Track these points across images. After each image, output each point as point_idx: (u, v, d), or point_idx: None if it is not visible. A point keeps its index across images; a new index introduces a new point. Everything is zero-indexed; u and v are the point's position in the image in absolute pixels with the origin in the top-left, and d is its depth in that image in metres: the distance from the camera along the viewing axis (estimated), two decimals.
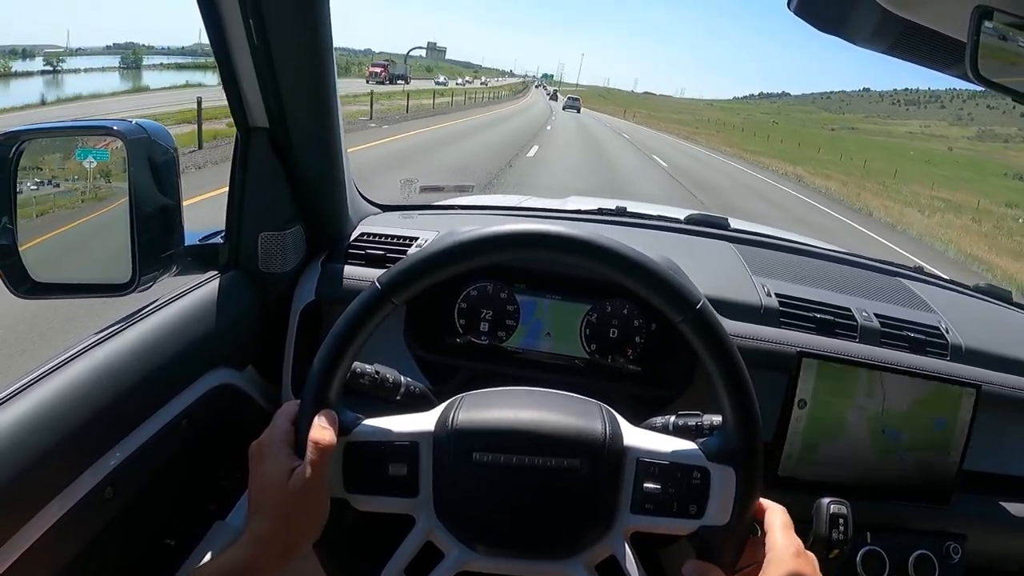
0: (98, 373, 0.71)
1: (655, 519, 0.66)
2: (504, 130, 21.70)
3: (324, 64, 0.87)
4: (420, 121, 19.70)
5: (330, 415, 0.65)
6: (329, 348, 0.65)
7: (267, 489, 0.63)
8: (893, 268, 1.34)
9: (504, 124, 24.87)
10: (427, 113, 24.16)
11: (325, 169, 0.98)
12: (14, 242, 0.81)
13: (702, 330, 0.64)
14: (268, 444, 0.65)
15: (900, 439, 0.92)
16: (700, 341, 0.65)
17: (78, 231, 0.89)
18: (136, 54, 47.88)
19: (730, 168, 24.69)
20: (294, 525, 0.63)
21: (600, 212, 1.40)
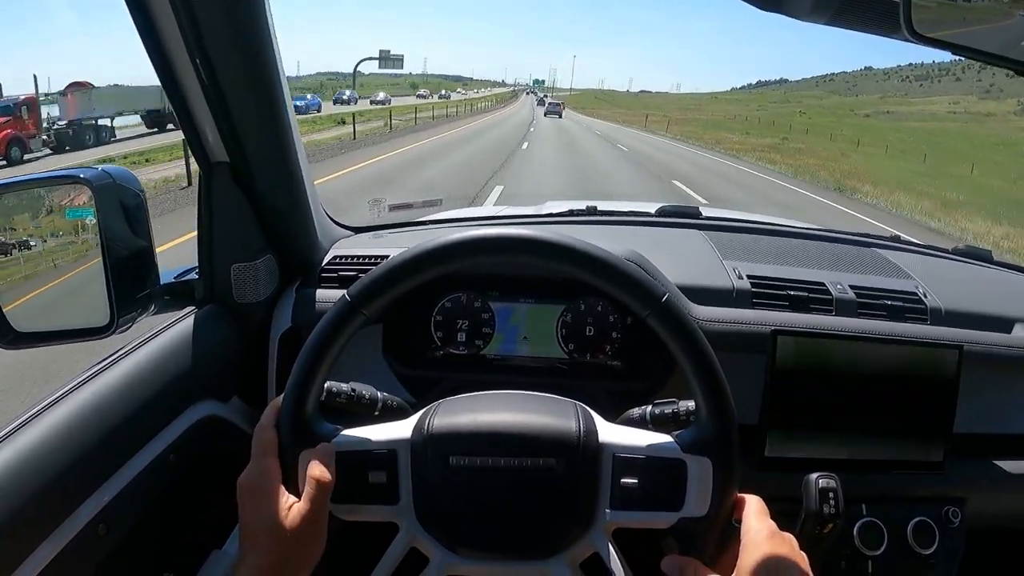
0: (84, 413, 0.73)
1: (635, 513, 0.67)
2: (468, 152, 17.02)
3: (275, 96, 0.88)
4: (395, 141, 18.29)
5: (327, 451, 0.66)
6: (302, 363, 0.66)
7: (263, 526, 0.63)
8: (868, 239, 1.34)
9: (475, 142, 20.45)
10: (408, 130, 23.06)
11: (289, 197, 0.99)
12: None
13: (669, 322, 0.65)
14: (256, 481, 0.65)
15: (887, 408, 0.92)
16: (668, 333, 0.65)
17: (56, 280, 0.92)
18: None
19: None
20: (292, 559, 0.64)
21: (571, 213, 1.41)
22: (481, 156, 16.15)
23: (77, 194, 0.87)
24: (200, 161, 0.91)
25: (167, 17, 0.77)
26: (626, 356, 1.00)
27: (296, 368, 0.67)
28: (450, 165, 14.04)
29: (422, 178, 11.59)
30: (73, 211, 0.90)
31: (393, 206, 1.45)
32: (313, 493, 0.64)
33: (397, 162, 14.03)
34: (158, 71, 0.81)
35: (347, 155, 14.80)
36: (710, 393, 0.65)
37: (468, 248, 0.66)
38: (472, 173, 12.61)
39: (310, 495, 0.64)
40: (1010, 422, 1.02)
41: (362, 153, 15.43)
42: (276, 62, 0.86)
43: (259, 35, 0.83)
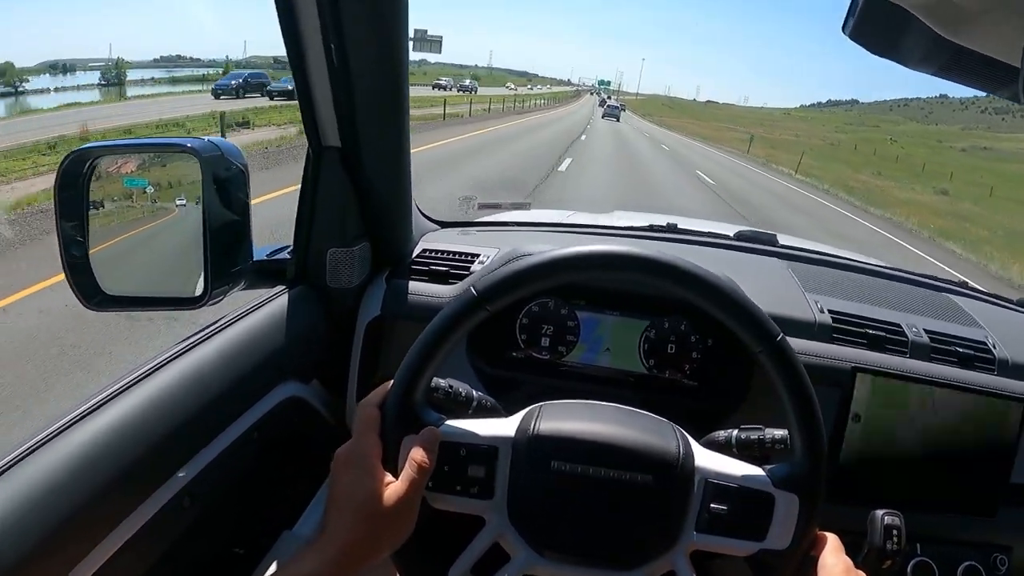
0: (184, 382, 0.73)
1: (718, 539, 0.68)
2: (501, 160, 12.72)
3: (400, 86, 0.89)
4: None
5: (432, 435, 0.67)
6: (419, 348, 0.67)
7: (354, 501, 0.63)
8: (938, 283, 1.36)
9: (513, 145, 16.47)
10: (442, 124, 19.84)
11: (394, 187, 1.00)
12: (86, 256, 0.83)
13: (780, 361, 0.66)
14: (354, 455, 0.66)
15: (949, 452, 0.94)
16: (777, 372, 0.67)
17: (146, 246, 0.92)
18: (120, 67, 43.03)
19: None
20: (380, 537, 0.64)
21: (652, 228, 1.42)
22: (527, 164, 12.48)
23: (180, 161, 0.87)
24: (312, 143, 0.92)
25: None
26: (703, 377, 1.02)
27: (412, 352, 0.67)
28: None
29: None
30: (130, 180, 0.90)
31: (482, 204, 1.45)
32: (412, 476, 0.64)
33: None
34: (289, 50, 0.81)
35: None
36: (808, 434, 0.67)
37: (601, 261, 0.67)
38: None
39: (409, 477, 0.64)
40: None
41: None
42: (406, 54, 0.87)
43: (396, 25, 0.83)
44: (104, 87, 39.11)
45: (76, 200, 0.83)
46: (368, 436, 0.67)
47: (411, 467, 0.65)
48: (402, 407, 0.67)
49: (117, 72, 41.98)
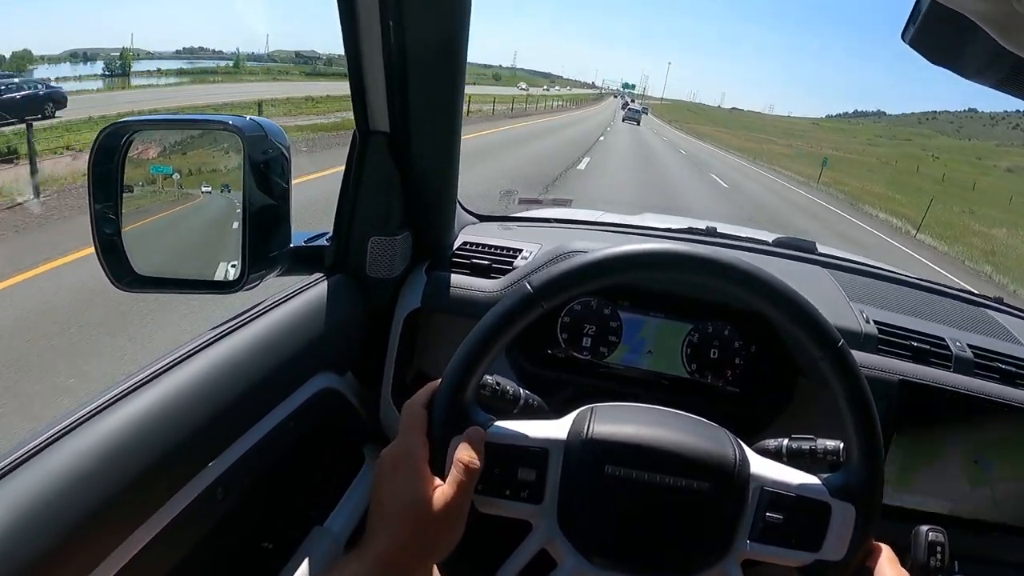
0: (220, 370, 0.70)
1: (772, 548, 0.66)
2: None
3: (456, 71, 0.87)
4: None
5: (478, 435, 0.65)
6: (471, 345, 0.65)
7: (400, 505, 0.61)
8: (975, 298, 1.35)
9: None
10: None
11: (441, 177, 0.97)
12: (118, 234, 0.81)
13: (841, 369, 0.65)
14: (402, 457, 0.63)
15: (992, 470, 0.93)
16: (838, 379, 0.65)
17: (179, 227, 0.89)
18: (125, 58, 41.90)
19: None
20: (427, 545, 0.62)
21: (691, 231, 1.40)
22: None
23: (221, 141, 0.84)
24: (360, 127, 0.89)
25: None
26: (745, 383, 1.00)
27: (463, 349, 0.65)
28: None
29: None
30: (156, 167, 0.87)
31: (523, 199, 1.43)
32: (460, 478, 0.62)
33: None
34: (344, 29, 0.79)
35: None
36: (867, 443, 0.65)
37: (663, 261, 0.65)
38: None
39: (457, 479, 0.62)
40: None
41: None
42: (466, 44, 0.85)
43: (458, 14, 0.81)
44: (108, 77, 37.96)
45: (110, 176, 0.80)
46: (415, 437, 0.64)
47: (458, 469, 0.62)
48: (451, 406, 0.65)
49: (122, 63, 40.72)
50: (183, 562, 0.67)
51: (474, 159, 11.42)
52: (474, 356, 0.65)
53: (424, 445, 0.64)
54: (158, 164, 0.87)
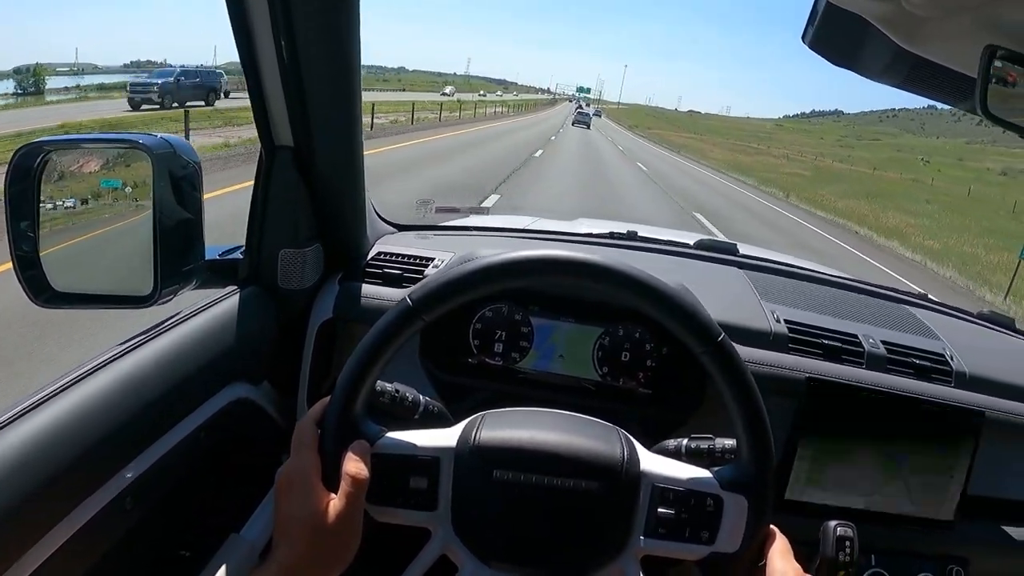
0: (123, 384, 0.72)
1: (667, 543, 0.68)
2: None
3: (351, 85, 0.89)
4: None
5: (363, 447, 0.66)
6: (357, 362, 0.66)
7: (298, 522, 0.63)
8: (898, 295, 1.36)
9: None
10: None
11: (347, 188, 0.99)
12: (35, 251, 0.82)
13: (723, 362, 0.66)
14: (295, 475, 0.65)
15: (904, 464, 0.94)
16: (720, 373, 0.67)
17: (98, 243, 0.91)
18: (37, 75, 38.23)
19: None
20: (325, 557, 0.64)
21: (612, 236, 1.41)
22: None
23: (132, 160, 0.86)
24: (264, 143, 0.91)
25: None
26: (658, 385, 1.01)
27: (349, 366, 0.66)
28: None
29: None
30: (107, 181, 0.89)
31: (440, 208, 1.45)
32: (349, 490, 0.64)
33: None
34: (240, 48, 0.81)
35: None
36: (754, 436, 0.67)
37: (538, 267, 0.66)
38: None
39: (346, 492, 0.64)
40: (1017, 488, 1.05)
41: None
42: (359, 54, 0.86)
43: (349, 24, 0.83)
44: (20, 95, 34.62)
45: (27, 195, 0.81)
46: (307, 454, 0.66)
47: (346, 481, 0.64)
48: (340, 422, 0.67)
49: (35, 79, 37.92)
50: (94, 570, 0.69)
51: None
52: (359, 373, 0.66)
53: (317, 462, 0.66)
54: (108, 178, 0.90)
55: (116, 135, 0.86)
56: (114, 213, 0.90)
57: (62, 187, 0.87)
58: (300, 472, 0.65)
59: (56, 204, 0.86)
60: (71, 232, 0.87)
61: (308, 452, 0.66)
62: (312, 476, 0.65)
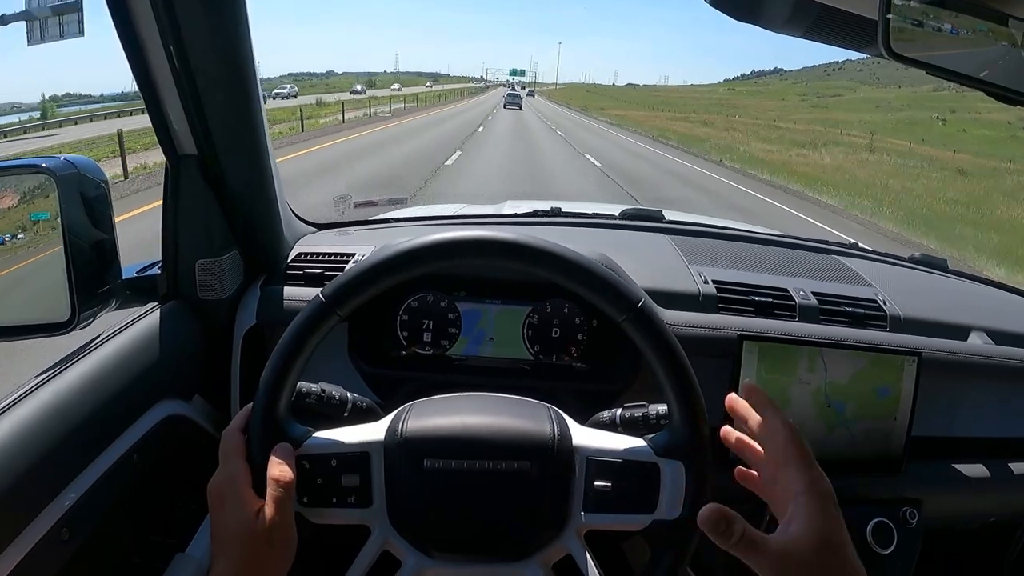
0: (45, 414, 0.71)
1: (608, 516, 0.68)
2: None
3: (248, 88, 0.87)
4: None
5: (285, 449, 0.66)
6: (275, 364, 0.66)
7: (232, 532, 0.63)
8: (829, 247, 1.37)
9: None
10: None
11: (257, 192, 0.98)
12: None
13: (644, 328, 0.66)
14: (225, 485, 0.65)
15: (845, 411, 0.95)
16: (643, 339, 0.66)
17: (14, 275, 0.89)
18: None
19: None
20: (264, 565, 0.63)
21: (535, 214, 1.41)
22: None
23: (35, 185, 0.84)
24: (168, 154, 0.89)
25: (142, 2, 0.75)
26: (592, 358, 1.01)
27: (268, 369, 0.66)
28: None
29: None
30: (36, 215, 0.87)
31: (358, 203, 1.44)
32: (276, 494, 0.63)
33: None
34: (129, 58, 0.79)
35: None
36: (683, 398, 0.67)
37: (445, 250, 0.66)
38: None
39: (274, 497, 0.63)
40: (965, 426, 1.06)
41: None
42: (251, 54, 0.85)
43: (236, 24, 0.81)
44: None
45: None
46: (235, 463, 0.66)
47: (271, 486, 0.64)
48: (265, 428, 0.66)
49: None
50: None
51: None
52: (278, 376, 0.66)
53: (245, 469, 0.65)
54: (37, 211, 0.87)
55: (16, 161, 0.84)
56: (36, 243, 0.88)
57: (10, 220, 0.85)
58: (229, 481, 0.65)
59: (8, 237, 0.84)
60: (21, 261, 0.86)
61: (236, 460, 0.66)
62: (241, 484, 0.64)
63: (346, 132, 19.46)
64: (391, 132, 20.63)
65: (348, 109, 26.63)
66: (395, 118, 28.55)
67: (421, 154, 14.39)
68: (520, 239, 0.66)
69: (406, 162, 12.66)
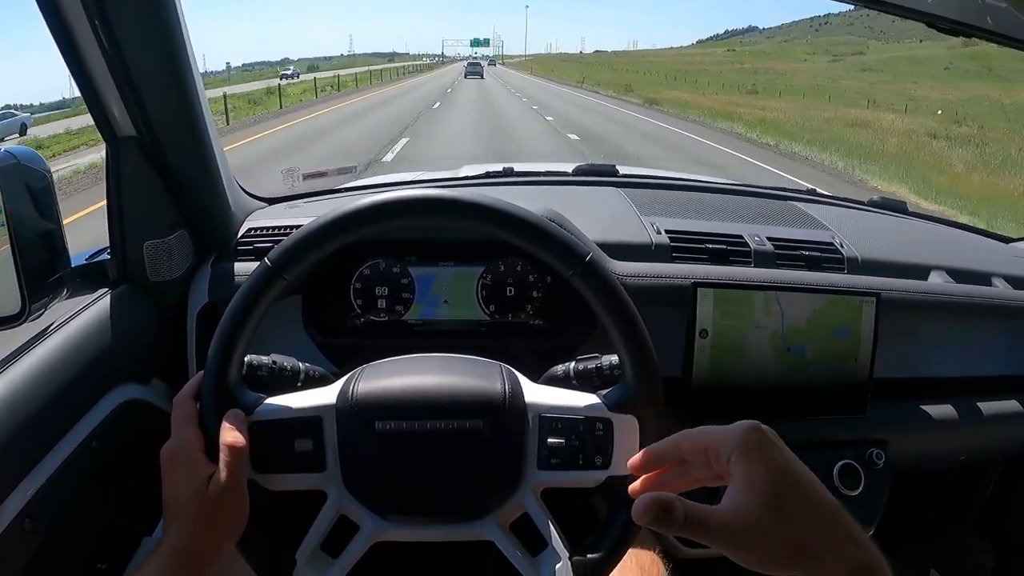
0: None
1: (562, 473, 0.68)
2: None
3: (181, 64, 0.86)
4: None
5: (237, 415, 0.65)
6: (224, 330, 0.65)
7: (183, 498, 0.63)
8: (786, 193, 1.37)
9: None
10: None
11: (200, 170, 0.97)
12: None
13: (592, 281, 0.66)
14: (177, 451, 0.65)
15: (805, 354, 0.95)
16: (592, 293, 0.66)
17: None
18: None
19: None
20: (216, 531, 0.63)
21: (488, 175, 1.41)
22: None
23: None
24: (106, 136, 0.88)
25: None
26: (548, 314, 1.01)
27: (217, 335, 0.65)
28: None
29: None
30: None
31: (307, 175, 1.42)
32: (228, 460, 0.63)
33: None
34: (56, 38, 0.78)
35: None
36: (635, 352, 0.66)
37: (390, 210, 0.65)
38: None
39: (226, 462, 0.63)
40: (927, 366, 1.07)
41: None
42: (182, 29, 0.84)
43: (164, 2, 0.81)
44: None
45: None
46: (187, 430, 0.66)
47: (224, 452, 0.63)
48: (216, 394, 0.66)
49: None
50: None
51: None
52: (227, 341, 0.65)
53: (198, 436, 0.65)
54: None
55: None
56: None
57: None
58: (181, 448, 0.65)
59: None
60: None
61: (188, 427, 0.66)
62: (194, 451, 0.64)
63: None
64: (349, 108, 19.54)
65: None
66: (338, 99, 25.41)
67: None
68: (464, 196, 0.65)
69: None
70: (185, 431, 0.65)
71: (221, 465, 0.63)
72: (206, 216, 1.02)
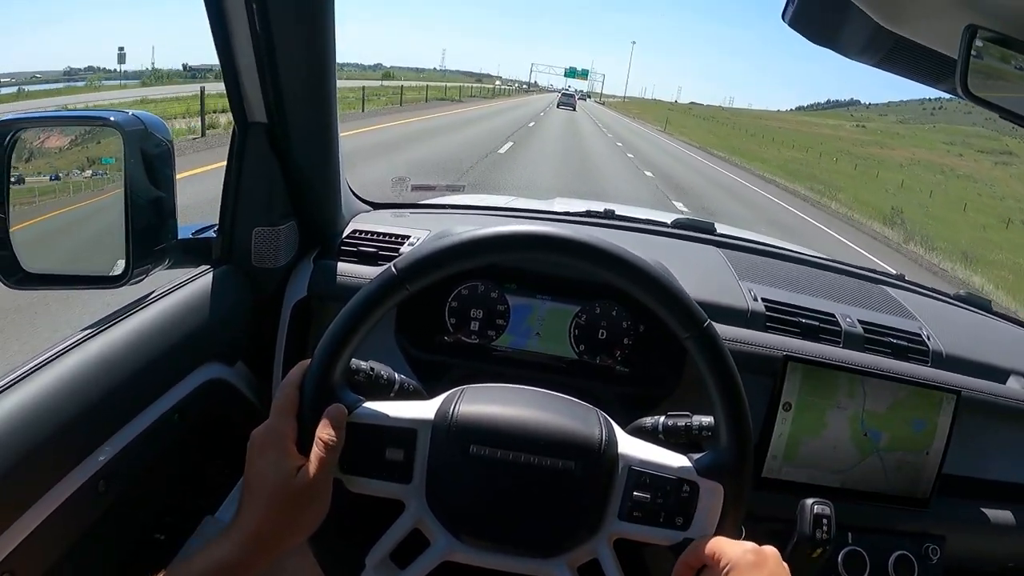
0: (91, 367, 0.71)
1: (641, 527, 0.68)
2: None
3: (325, 60, 0.87)
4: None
5: (339, 412, 0.66)
6: (338, 327, 0.66)
7: (267, 484, 0.63)
8: (876, 275, 1.37)
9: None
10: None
11: (321, 165, 0.98)
12: (6, 232, 0.81)
13: (707, 349, 0.66)
14: (271, 437, 0.65)
15: (880, 440, 0.95)
16: (704, 359, 0.67)
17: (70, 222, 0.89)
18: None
19: None
20: (292, 523, 0.63)
21: (589, 214, 1.41)
22: None
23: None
24: (237, 119, 0.90)
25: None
26: (635, 362, 1.01)
27: (330, 331, 0.66)
28: None
29: None
30: (108, 159, 0.87)
31: (416, 186, 1.43)
32: (320, 455, 0.64)
33: None
34: (212, 21, 0.79)
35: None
36: (734, 423, 0.67)
37: (526, 242, 0.66)
38: None
39: (318, 457, 0.64)
40: (996, 469, 1.06)
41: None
42: (332, 28, 0.85)
43: (321, 1, 0.81)
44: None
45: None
46: (284, 417, 0.66)
47: (318, 446, 0.64)
48: (319, 387, 0.66)
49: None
50: (70, 553, 0.68)
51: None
52: (340, 339, 0.66)
53: (293, 425, 0.66)
54: (105, 157, 0.87)
55: (85, 112, 0.85)
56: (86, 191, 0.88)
57: (33, 165, 0.86)
58: (275, 434, 0.65)
59: (25, 183, 0.84)
60: (41, 211, 0.86)
61: (286, 415, 0.66)
62: (286, 439, 0.65)
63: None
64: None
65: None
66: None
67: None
68: (599, 243, 0.66)
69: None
70: (282, 418, 0.66)
71: (312, 458, 0.64)
72: (317, 211, 1.03)
